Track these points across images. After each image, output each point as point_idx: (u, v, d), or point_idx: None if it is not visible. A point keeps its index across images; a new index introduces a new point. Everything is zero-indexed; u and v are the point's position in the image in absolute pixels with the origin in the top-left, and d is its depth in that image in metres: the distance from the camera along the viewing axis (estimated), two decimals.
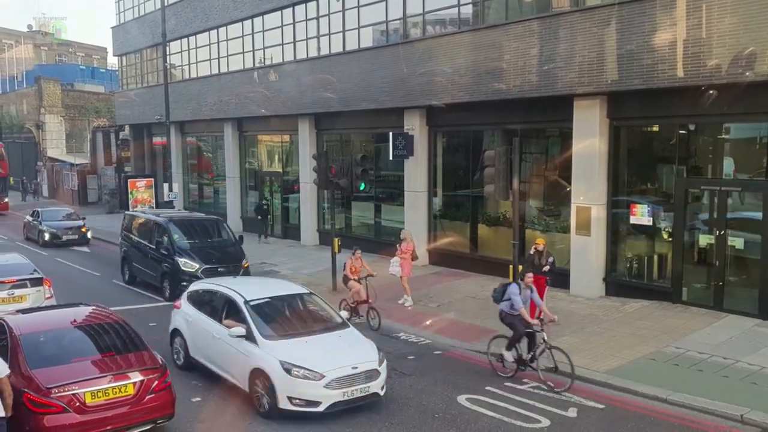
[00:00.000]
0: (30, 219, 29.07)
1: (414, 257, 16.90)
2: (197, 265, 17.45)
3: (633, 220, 16.05)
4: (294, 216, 27.46)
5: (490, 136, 19.95)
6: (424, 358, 12.75)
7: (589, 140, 16.22)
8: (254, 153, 30.50)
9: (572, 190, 16.77)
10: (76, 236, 27.26)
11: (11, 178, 50.87)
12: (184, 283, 15.60)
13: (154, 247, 18.73)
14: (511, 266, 13.49)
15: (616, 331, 13.79)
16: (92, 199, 42.74)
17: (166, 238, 18.34)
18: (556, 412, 10.05)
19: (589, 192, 16.37)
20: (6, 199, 39.36)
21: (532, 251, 14.50)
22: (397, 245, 16.88)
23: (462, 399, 10.55)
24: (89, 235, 27.74)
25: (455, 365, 12.37)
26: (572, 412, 10.06)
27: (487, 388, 11.02)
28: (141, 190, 30.20)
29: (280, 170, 28.76)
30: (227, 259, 18.16)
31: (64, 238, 27.05)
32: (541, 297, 14.13)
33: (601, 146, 16.19)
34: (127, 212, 22.52)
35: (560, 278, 16.93)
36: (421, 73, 19.75)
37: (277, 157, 29.65)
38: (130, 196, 30.04)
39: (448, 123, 20.71)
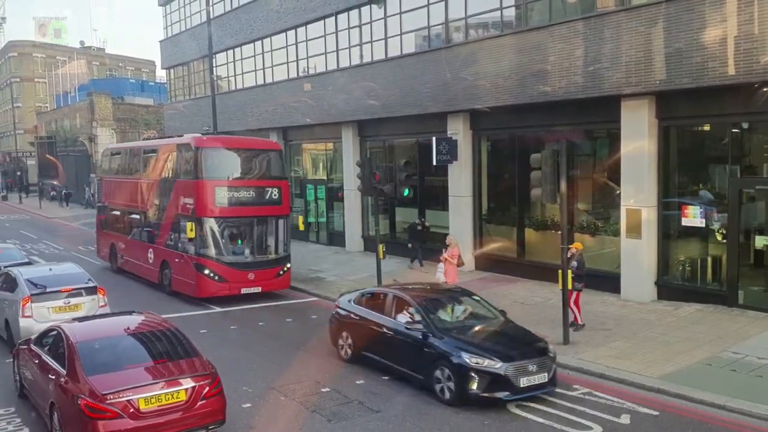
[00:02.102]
0: (370, 315, 12.53)
1: (460, 263, 16.80)
2: None
3: (685, 221, 15.66)
4: (339, 223, 27.60)
5: (535, 139, 19.73)
6: None
7: (638, 141, 15.91)
8: (299, 161, 30.82)
9: (621, 193, 16.46)
10: (545, 374, 10.65)
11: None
12: None
13: None
14: (560, 271, 13.27)
15: (670, 335, 13.45)
16: None
17: None
18: (609, 418, 9.84)
19: (638, 194, 16.04)
20: (288, 266, 19.06)
21: (568, 255, 14.22)
22: (443, 251, 16.81)
23: (512, 405, 10.41)
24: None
25: None
26: (625, 419, 9.84)
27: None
28: None
29: (325, 178, 28.97)
30: None
31: (523, 383, 10.41)
32: (568, 302, 13.83)
33: (650, 147, 15.86)
34: None
35: (611, 282, 16.67)
36: (464, 77, 19.67)
37: (321, 164, 29.88)
38: None
39: (492, 126, 20.57)
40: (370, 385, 11.56)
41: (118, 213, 23.43)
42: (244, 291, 17.92)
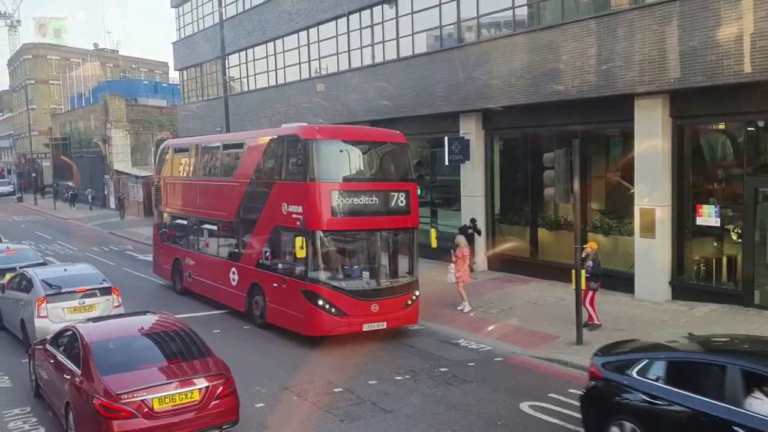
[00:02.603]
0: (688, 400, 7.69)
1: (471, 263, 16.76)
2: None
3: (699, 221, 15.55)
4: None
5: (548, 139, 19.66)
6: (485, 364, 12.61)
7: (652, 140, 15.81)
8: None
9: (635, 192, 16.37)
10: None
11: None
12: None
13: None
14: (573, 271, 13.21)
15: None
16: None
17: None
18: None
19: (652, 193, 15.94)
20: (416, 294, 14.88)
21: (584, 255, 14.21)
22: (452, 251, 16.73)
23: (524, 406, 10.39)
24: None
25: (517, 372, 12.19)
26: None
27: (550, 394, 10.82)
28: None
29: None
30: None
31: None
32: (584, 302, 13.81)
33: (664, 146, 15.76)
34: None
35: (625, 282, 16.57)
36: (476, 77, 19.64)
37: None
38: None
39: (504, 126, 20.50)
40: (383, 385, 11.55)
41: (185, 222, 19.71)
42: (366, 328, 13.88)
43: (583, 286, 13.41)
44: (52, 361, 10.13)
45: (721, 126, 16.16)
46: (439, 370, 12.27)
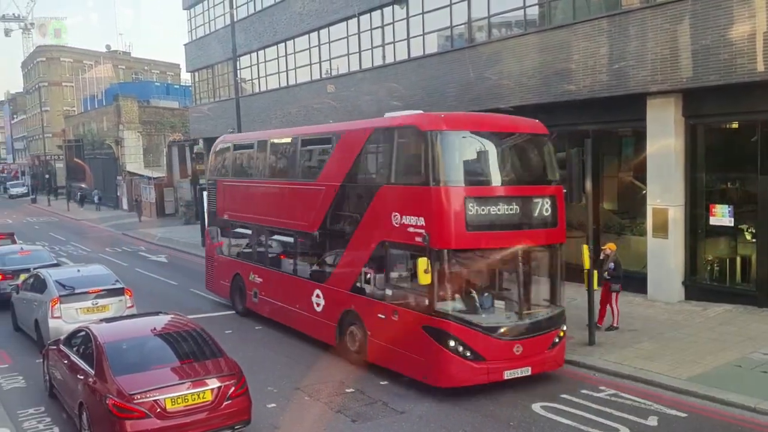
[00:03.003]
0: None
1: None
2: None
3: (713, 221, 15.45)
4: None
5: (560, 138, 19.56)
6: None
7: (664, 140, 15.72)
8: None
9: (648, 192, 16.28)
10: None
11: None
12: None
13: None
14: (585, 271, 13.15)
15: (698, 336, 13.26)
16: (169, 211, 44.22)
17: None
18: (636, 420, 9.73)
19: (665, 193, 15.85)
20: (564, 329, 11.80)
21: (602, 256, 14.18)
22: None
23: (536, 407, 10.36)
24: None
25: None
26: (652, 421, 9.72)
27: (563, 395, 10.78)
28: None
29: None
30: None
31: None
32: (607, 304, 13.79)
33: (676, 145, 15.67)
34: None
35: (637, 282, 16.46)
36: (487, 77, 19.60)
37: None
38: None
39: None
40: (395, 386, 11.54)
41: (249, 232, 16.91)
42: (507, 376, 10.89)
43: (596, 287, 13.33)
44: (65, 362, 10.20)
45: (735, 125, 16.05)
46: None
